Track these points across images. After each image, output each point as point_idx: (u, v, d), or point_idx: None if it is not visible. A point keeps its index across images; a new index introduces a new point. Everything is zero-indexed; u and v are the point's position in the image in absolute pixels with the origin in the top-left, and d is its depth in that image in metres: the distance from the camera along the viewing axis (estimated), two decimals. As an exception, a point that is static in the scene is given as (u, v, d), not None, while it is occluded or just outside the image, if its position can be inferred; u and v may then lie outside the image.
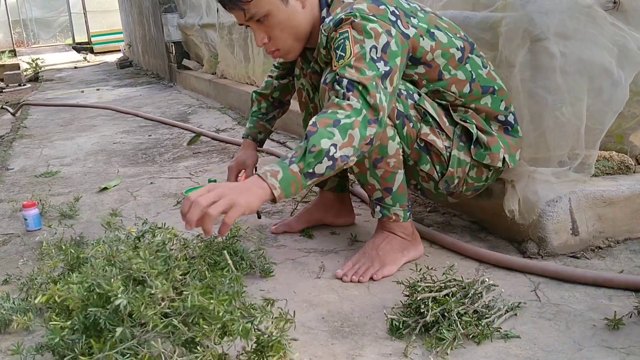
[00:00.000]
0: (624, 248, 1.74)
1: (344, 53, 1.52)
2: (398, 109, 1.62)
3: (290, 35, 1.67)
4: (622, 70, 1.67)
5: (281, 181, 1.38)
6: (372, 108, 1.47)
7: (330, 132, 1.41)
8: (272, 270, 1.76)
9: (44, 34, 22.39)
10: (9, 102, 6.38)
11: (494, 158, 1.69)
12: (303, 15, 1.66)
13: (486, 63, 1.73)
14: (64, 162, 3.51)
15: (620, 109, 1.71)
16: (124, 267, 1.28)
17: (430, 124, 1.67)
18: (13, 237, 2.27)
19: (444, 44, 1.65)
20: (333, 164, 1.42)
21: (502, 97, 1.71)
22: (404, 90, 1.65)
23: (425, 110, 1.66)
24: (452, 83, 1.67)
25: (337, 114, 1.44)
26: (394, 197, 1.70)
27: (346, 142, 1.42)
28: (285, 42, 1.69)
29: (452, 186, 1.73)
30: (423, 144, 1.67)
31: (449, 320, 1.35)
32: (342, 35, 1.54)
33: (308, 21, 1.67)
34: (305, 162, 1.40)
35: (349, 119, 1.43)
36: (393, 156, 1.65)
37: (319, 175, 1.42)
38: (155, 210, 2.46)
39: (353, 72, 1.49)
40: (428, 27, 1.64)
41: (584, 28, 1.66)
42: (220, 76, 5.55)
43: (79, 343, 1.21)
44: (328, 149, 1.40)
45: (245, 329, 1.19)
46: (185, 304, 1.19)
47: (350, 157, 1.45)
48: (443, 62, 1.65)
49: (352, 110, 1.45)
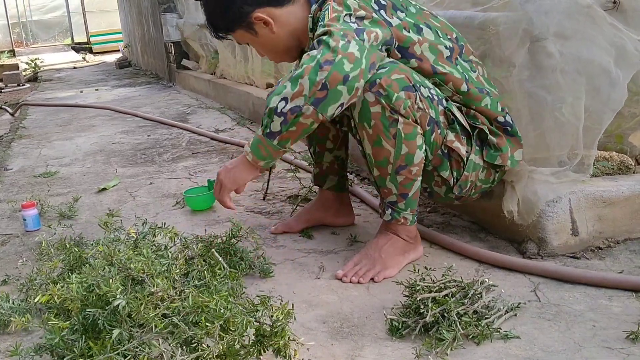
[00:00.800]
0: (623, 248, 1.74)
1: (323, 22, 1.58)
2: (430, 115, 1.62)
3: (272, 51, 1.83)
4: (620, 70, 1.67)
5: (251, 146, 1.58)
6: (331, 51, 1.47)
7: (282, 87, 1.50)
8: (271, 270, 1.76)
9: (43, 34, 22.38)
10: (8, 102, 6.37)
11: (505, 158, 1.70)
12: (277, 36, 1.76)
13: (475, 67, 1.73)
14: (63, 162, 3.50)
15: (618, 109, 1.70)
16: (123, 267, 1.28)
17: (457, 130, 1.67)
18: (12, 238, 2.27)
19: (431, 41, 1.67)
20: (285, 119, 1.49)
21: (496, 99, 1.72)
22: (435, 96, 1.65)
23: (453, 115, 1.66)
24: (449, 79, 1.68)
25: (293, 70, 1.53)
26: (407, 203, 1.70)
27: (296, 92, 1.47)
28: (274, 56, 1.86)
29: (464, 190, 1.73)
30: (446, 150, 1.67)
31: (449, 320, 1.35)
32: (324, 9, 1.62)
33: (286, 36, 1.77)
34: (263, 124, 1.54)
35: (301, 68, 1.48)
36: (417, 165, 1.64)
37: (277, 132, 1.52)
38: (155, 210, 2.46)
39: (324, 30, 1.54)
40: (415, 22, 1.67)
41: (583, 28, 1.66)
42: (220, 76, 5.54)
43: (78, 343, 1.21)
44: (276, 107, 1.49)
45: (247, 323, 1.19)
46: (185, 303, 1.19)
47: (303, 106, 1.47)
48: (432, 57, 1.67)
49: (308, 58, 1.49)
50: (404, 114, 1.58)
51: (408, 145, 1.60)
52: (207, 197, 2.41)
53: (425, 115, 1.61)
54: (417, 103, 1.59)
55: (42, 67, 10.44)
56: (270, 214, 2.31)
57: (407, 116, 1.58)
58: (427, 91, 1.62)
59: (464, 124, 1.68)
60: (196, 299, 1.20)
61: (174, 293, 1.23)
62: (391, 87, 1.56)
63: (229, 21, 1.76)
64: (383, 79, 1.56)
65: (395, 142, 1.60)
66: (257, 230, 2.12)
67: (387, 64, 1.60)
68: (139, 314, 1.17)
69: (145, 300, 1.19)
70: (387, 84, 1.56)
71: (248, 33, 1.77)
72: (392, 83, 1.56)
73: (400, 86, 1.57)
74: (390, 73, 1.57)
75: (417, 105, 1.59)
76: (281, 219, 2.19)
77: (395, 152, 1.61)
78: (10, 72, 8.58)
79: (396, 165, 1.63)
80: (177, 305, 1.20)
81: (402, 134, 1.59)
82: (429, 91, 1.63)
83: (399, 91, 1.56)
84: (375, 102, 1.58)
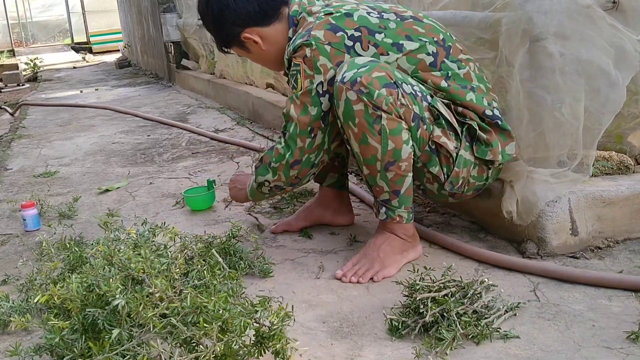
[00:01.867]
0: (623, 248, 1.74)
1: (295, 84, 1.74)
2: (414, 111, 1.63)
3: (266, 63, 1.99)
4: (619, 72, 1.67)
5: (250, 191, 1.94)
6: (299, 149, 1.74)
7: (266, 169, 1.81)
8: (271, 270, 1.76)
9: (43, 34, 22.35)
10: (8, 102, 6.37)
11: (495, 153, 1.70)
12: (267, 52, 1.88)
13: (464, 65, 1.74)
14: (63, 162, 3.50)
15: (617, 110, 1.70)
16: (123, 267, 1.28)
17: (443, 126, 1.67)
18: (12, 238, 2.27)
19: (413, 51, 1.70)
20: (270, 191, 1.87)
21: (481, 94, 1.73)
22: (419, 92, 1.66)
23: (438, 112, 1.66)
24: (427, 78, 1.71)
25: (271, 154, 1.79)
26: (400, 200, 1.70)
27: (276, 180, 1.81)
28: (268, 67, 2.03)
29: (457, 187, 1.74)
30: (434, 146, 1.68)
31: (448, 320, 1.35)
32: (295, 68, 1.74)
33: (275, 50, 1.87)
34: (257, 186, 1.87)
35: (276, 163, 1.78)
36: (405, 160, 1.65)
37: (265, 195, 1.91)
38: (154, 210, 2.46)
39: (298, 105, 1.73)
40: (394, 41, 1.70)
41: (582, 29, 1.66)
42: (219, 76, 5.54)
43: (78, 343, 1.21)
44: (263, 183, 1.84)
45: (245, 324, 1.19)
46: (184, 304, 1.19)
47: (285, 187, 1.84)
48: (411, 68, 1.71)
49: (277, 155, 1.77)
50: (387, 110, 1.59)
51: (394, 140, 1.61)
52: (206, 197, 2.41)
53: (409, 112, 1.62)
54: (399, 99, 1.60)
55: (42, 67, 10.44)
56: (269, 214, 2.31)
57: (390, 112, 1.59)
58: (409, 88, 1.64)
59: (449, 119, 1.68)
60: (195, 300, 1.20)
61: (172, 293, 1.23)
62: (372, 85, 1.58)
63: (223, 40, 1.92)
64: (364, 77, 1.58)
65: (381, 138, 1.61)
66: (256, 230, 2.12)
67: (368, 62, 1.62)
68: (138, 314, 1.17)
69: (144, 300, 1.19)
70: (368, 82, 1.58)
71: (242, 50, 1.92)
72: (373, 81, 1.58)
73: (381, 83, 1.58)
74: (371, 71, 1.59)
75: (399, 102, 1.60)
76: (280, 219, 2.19)
77: (382, 148, 1.62)
78: (10, 72, 8.57)
79: (384, 162, 1.64)
80: (176, 306, 1.20)
81: (387, 130, 1.60)
82: (411, 87, 1.64)
83: (380, 88, 1.58)
84: (357, 100, 1.59)
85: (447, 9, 2.09)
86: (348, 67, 1.63)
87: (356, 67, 1.61)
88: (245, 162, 3.09)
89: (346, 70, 1.62)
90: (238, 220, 2.15)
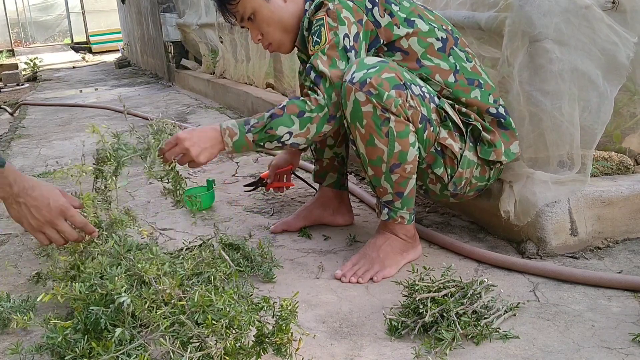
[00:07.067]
0: (622, 248, 1.75)
1: (319, 39, 1.68)
2: (422, 112, 1.62)
3: (278, 28, 1.81)
4: (607, 83, 1.67)
5: (235, 143, 1.66)
6: (334, 105, 1.63)
7: (291, 120, 1.63)
8: (274, 275, 1.75)
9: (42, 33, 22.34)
10: (7, 102, 6.37)
11: (499, 153, 1.70)
12: (286, 8, 1.79)
13: (471, 58, 1.75)
14: (62, 162, 3.50)
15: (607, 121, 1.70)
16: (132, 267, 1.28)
17: (449, 127, 1.67)
18: (11, 237, 2.27)
19: (423, 33, 1.71)
20: (282, 146, 1.67)
21: (489, 91, 1.73)
22: (427, 94, 1.65)
23: (446, 113, 1.66)
24: (435, 72, 1.70)
25: (305, 104, 1.64)
26: (403, 201, 1.70)
27: (302, 133, 1.64)
28: (274, 35, 1.83)
29: (459, 187, 1.74)
30: (440, 148, 1.68)
31: (448, 320, 1.35)
32: (318, 22, 1.69)
33: (292, 13, 1.80)
34: (259, 137, 1.65)
35: (312, 114, 1.63)
36: (411, 162, 1.64)
37: (267, 149, 1.70)
38: (154, 210, 2.46)
39: (325, 61, 1.65)
40: (407, 16, 1.71)
41: (578, 34, 1.66)
42: (219, 76, 5.54)
43: (79, 343, 1.21)
44: (282, 136, 1.64)
45: (252, 320, 1.20)
46: (191, 302, 1.19)
47: (301, 145, 1.68)
48: (421, 50, 1.70)
49: (317, 106, 1.63)
50: (395, 112, 1.58)
51: (401, 143, 1.61)
52: (206, 197, 2.41)
53: (417, 113, 1.62)
54: (408, 101, 1.59)
55: (42, 67, 10.44)
56: (269, 214, 2.31)
57: (399, 114, 1.59)
58: (418, 89, 1.63)
59: (456, 120, 1.68)
60: (201, 297, 1.20)
61: (180, 291, 1.23)
62: (382, 86, 1.57)
63: None
64: (373, 78, 1.57)
65: (388, 140, 1.61)
66: (256, 230, 2.12)
67: (377, 63, 1.61)
68: (143, 312, 1.17)
69: (150, 298, 1.19)
70: (378, 83, 1.57)
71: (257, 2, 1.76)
72: (383, 82, 1.57)
73: (391, 85, 1.58)
74: (381, 72, 1.58)
75: (408, 104, 1.59)
76: (280, 219, 2.19)
77: (389, 150, 1.62)
78: (9, 72, 8.57)
79: (390, 164, 1.64)
80: (183, 304, 1.20)
81: (394, 132, 1.60)
82: (420, 89, 1.64)
83: (390, 90, 1.57)
84: (366, 102, 1.58)
85: (448, 8, 2.09)
86: (357, 67, 1.60)
87: (366, 68, 1.59)
88: (245, 162, 3.09)
89: (355, 70, 1.60)
90: (238, 220, 2.16)
